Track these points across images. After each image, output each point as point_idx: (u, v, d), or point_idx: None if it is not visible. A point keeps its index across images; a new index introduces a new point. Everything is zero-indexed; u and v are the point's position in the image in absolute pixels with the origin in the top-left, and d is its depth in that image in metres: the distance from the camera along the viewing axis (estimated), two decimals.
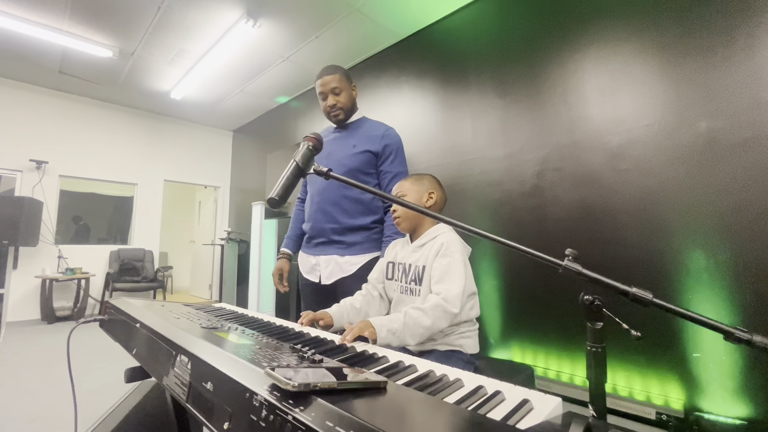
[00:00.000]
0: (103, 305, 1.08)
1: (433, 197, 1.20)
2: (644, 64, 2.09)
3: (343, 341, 0.78)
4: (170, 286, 6.76)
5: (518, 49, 2.65)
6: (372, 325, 0.88)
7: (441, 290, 1.00)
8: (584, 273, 0.54)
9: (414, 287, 1.14)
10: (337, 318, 1.13)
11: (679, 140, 1.95)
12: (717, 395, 1.81)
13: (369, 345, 0.82)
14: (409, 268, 1.17)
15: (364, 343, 0.83)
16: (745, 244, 1.75)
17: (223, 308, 1.23)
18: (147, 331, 0.80)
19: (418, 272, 1.14)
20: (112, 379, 2.47)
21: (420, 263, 1.14)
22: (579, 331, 2.17)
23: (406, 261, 1.19)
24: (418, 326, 0.95)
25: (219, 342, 0.69)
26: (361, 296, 1.26)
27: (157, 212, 5.58)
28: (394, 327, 0.92)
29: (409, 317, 0.95)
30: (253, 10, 3.11)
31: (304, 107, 4.71)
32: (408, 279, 1.16)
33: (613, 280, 0.52)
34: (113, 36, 3.52)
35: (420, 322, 0.95)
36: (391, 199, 0.75)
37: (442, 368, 0.63)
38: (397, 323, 0.93)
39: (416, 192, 1.20)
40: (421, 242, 1.17)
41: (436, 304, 0.98)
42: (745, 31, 1.79)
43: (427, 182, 1.22)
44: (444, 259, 1.06)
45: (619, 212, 2.11)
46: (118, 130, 5.29)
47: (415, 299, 1.12)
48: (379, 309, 1.26)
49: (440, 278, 1.03)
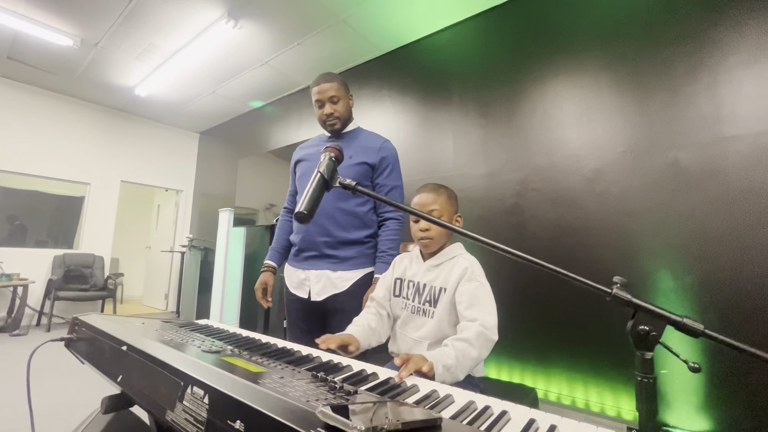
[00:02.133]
0: (72, 323, 0.95)
1: (459, 221, 1.15)
2: (619, 96, 2.23)
3: (400, 379, 0.69)
4: (120, 295, 6.25)
5: (501, 72, 2.74)
6: (427, 360, 0.79)
7: (477, 316, 0.95)
8: (635, 302, 0.54)
9: (427, 308, 1.08)
10: (363, 342, 1.04)
11: (650, 168, 2.08)
12: (683, 410, 1.91)
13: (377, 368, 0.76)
14: (423, 288, 1.11)
15: (372, 366, 0.77)
16: (707, 268, 1.88)
17: (209, 326, 1.13)
18: (139, 356, 0.71)
19: (433, 293, 1.08)
20: (73, 405, 2.21)
21: (437, 284, 1.08)
22: (579, 353, 2.17)
23: (420, 279, 1.13)
24: (467, 359, 0.88)
25: (232, 369, 0.62)
26: (372, 315, 1.17)
27: (111, 215, 5.18)
28: (448, 362, 0.83)
29: (458, 350, 0.87)
30: (236, 11, 3.01)
31: (280, 113, 4.60)
32: (421, 299, 1.10)
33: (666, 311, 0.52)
34: (76, 24, 3.27)
35: (468, 354, 0.88)
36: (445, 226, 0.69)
37: (481, 399, 0.60)
38: (450, 358, 0.85)
39: (448, 212, 1.13)
40: (437, 261, 1.12)
41: (479, 333, 0.91)
42: (707, 72, 1.96)
43: (455, 202, 1.17)
44: (470, 284, 1.02)
45: (595, 233, 2.21)
46: (72, 125, 4.88)
47: (427, 321, 1.08)
48: (386, 329, 1.18)
49: (470, 303, 0.99)
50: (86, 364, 0.95)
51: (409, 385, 0.67)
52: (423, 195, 1.14)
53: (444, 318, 1.05)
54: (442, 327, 1.05)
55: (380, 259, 1.41)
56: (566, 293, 2.23)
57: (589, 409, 2.12)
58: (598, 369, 2.13)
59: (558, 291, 2.26)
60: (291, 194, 1.62)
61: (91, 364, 0.88)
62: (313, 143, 1.57)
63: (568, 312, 2.21)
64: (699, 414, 1.86)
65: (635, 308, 0.54)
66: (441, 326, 1.05)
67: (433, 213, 1.10)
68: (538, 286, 2.34)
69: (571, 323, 2.20)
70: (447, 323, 1.05)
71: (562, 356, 2.24)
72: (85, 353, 0.93)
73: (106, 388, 0.82)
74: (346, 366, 0.76)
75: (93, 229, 5.03)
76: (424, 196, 1.14)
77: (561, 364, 2.24)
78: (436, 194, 1.13)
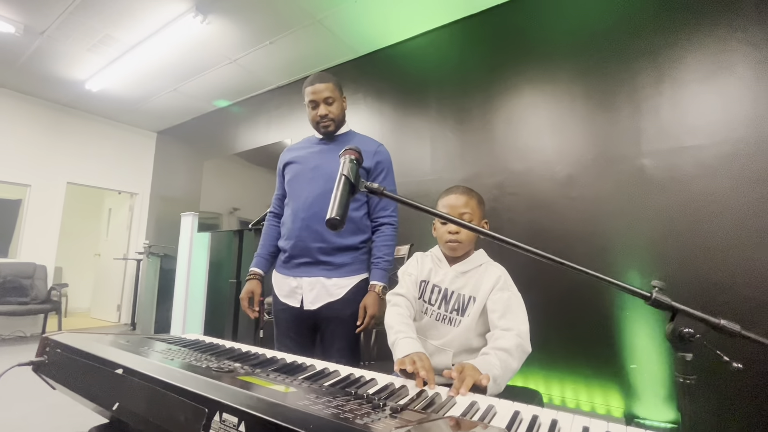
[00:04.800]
0: (41, 343, 0.85)
1: (486, 226, 1.08)
2: (589, 105, 2.35)
3: (456, 393, 0.66)
4: (64, 308, 5.71)
5: (477, 79, 2.81)
6: (480, 371, 0.75)
7: (511, 326, 0.93)
8: (674, 306, 0.55)
9: (454, 317, 1.05)
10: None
11: (619, 174, 2.21)
12: (651, 402, 2.03)
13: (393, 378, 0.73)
14: (451, 296, 1.07)
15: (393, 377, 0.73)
16: (672, 268, 2.01)
17: (200, 341, 1.04)
18: (143, 380, 0.63)
19: (462, 302, 1.05)
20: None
21: (466, 292, 1.05)
22: (582, 354, 2.20)
23: (448, 286, 1.08)
24: (509, 370, 0.84)
25: (259, 390, 0.57)
26: (407, 319, 1.04)
27: (55, 220, 4.73)
28: (496, 373, 0.79)
29: (502, 361, 0.84)
30: (204, 5, 2.86)
31: (247, 114, 4.43)
32: (449, 307, 1.06)
33: (705, 314, 0.54)
34: (20, 9, 2.96)
35: (509, 366, 0.85)
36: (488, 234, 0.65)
37: (525, 408, 0.59)
38: (496, 368, 0.80)
39: (478, 217, 1.09)
40: (466, 268, 1.08)
41: (518, 344, 0.89)
42: (669, 85, 2.12)
43: (484, 207, 1.12)
44: (503, 293, 1.00)
45: (569, 235, 2.31)
46: (10, 121, 4.41)
47: (452, 329, 1.04)
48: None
49: (503, 313, 0.96)
50: (61, 389, 0.84)
51: (444, 397, 0.65)
52: (454, 197, 1.08)
53: (471, 327, 1.03)
54: (469, 336, 1.03)
55: (376, 265, 1.37)
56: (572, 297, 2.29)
57: (580, 408, 2.18)
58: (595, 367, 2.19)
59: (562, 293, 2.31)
60: (278, 197, 1.55)
61: (72, 391, 0.78)
62: (302, 145, 1.51)
63: (569, 312, 2.28)
64: (665, 405, 1.98)
65: (674, 311, 0.55)
66: (467, 335, 1.03)
67: (464, 216, 1.05)
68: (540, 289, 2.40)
69: (570, 323, 2.27)
70: (474, 332, 1.03)
71: (565, 358, 2.27)
72: (62, 378, 0.82)
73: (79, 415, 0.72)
74: (371, 380, 0.72)
75: (34, 236, 4.55)
76: (454, 198, 1.08)
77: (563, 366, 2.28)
78: (468, 197, 1.08)
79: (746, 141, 1.90)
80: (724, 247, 1.89)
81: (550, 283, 2.27)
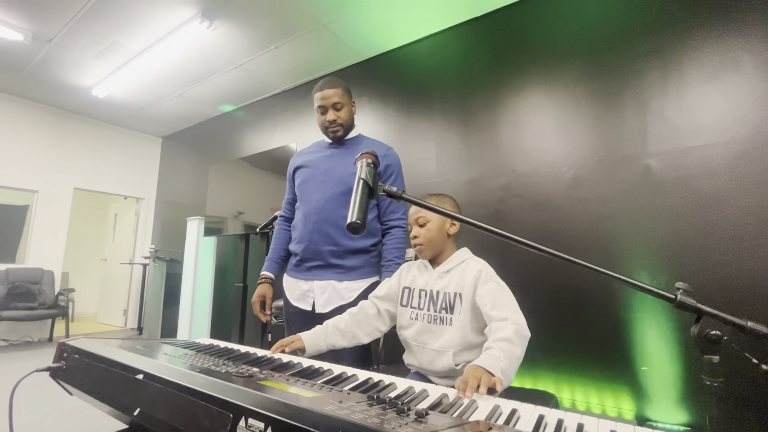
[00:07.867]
0: (59, 349, 0.85)
1: (456, 224, 1.14)
2: (594, 106, 2.34)
3: (464, 395, 0.66)
4: (71, 313, 5.74)
5: (481, 81, 2.81)
6: (490, 373, 0.75)
7: (506, 315, 0.93)
8: (700, 308, 0.55)
9: (444, 315, 1.07)
10: (312, 342, 1.09)
11: (625, 175, 2.20)
12: (663, 405, 2.01)
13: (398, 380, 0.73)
14: (437, 296, 1.09)
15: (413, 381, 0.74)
16: (681, 268, 2.00)
17: (215, 345, 1.05)
18: (165, 385, 0.63)
19: (448, 300, 1.07)
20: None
21: (450, 290, 1.08)
22: (592, 356, 2.18)
23: (432, 288, 1.11)
24: (514, 358, 0.84)
25: (282, 395, 0.57)
26: (349, 315, 1.16)
27: (63, 226, 4.76)
28: (503, 366, 0.79)
29: (505, 351, 0.84)
30: (210, 11, 2.89)
31: (252, 118, 4.45)
32: (437, 307, 1.08)
33: (731, 316, 0.53)
34: (28, 17, 3.00)
35: (513, 354, 0.84)
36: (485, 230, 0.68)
37: (550, 412, 0.58)
38: (502, 361, 0.81)
39: (439, 218, 1.12)
40: (447, 267, 1.12)
41: (516, 330, 0.89)
42: (675, 86, 2.11)
43: (449, 206, 1.16)
44: (488, 285, 1.02)
45: (576, 236, 2.30)
46: (17, 127, 4.45)
47: (446, 329, 1.05)
48: (370, 329, 1.16)
49: (494, 304, 0.98)
50: (79, 395, 0.84)
51: (465, 400, 0.65)
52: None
53: (466, 325, 1.04)
54: (466, 334, 1.03)
55: (386, 268, 1.37)
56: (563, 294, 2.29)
57: (590, 410, 2.17)
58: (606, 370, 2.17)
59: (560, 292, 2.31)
60: (288, 202, 1.56)
61: (91, 396, 0.78)
62: (312, 149, 1.52)
63: (579, 314, 2.26)
64: (677, 408, 1.96)
65: (700, 313, 0.55)
66: (464, 333, 1.03)
67: (418, 220, 1.14)
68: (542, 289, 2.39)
69: (580, 325, 2.26)
70: (470, 330, 1.04)
71: (574, 360, 2.25)
72: (80, 383, 0.82)
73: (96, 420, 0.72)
74: (390, 384, 0.72)
75: (41, 241, 4.59)
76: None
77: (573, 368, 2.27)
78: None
79: (753, 140, 1.89)
80: (734, 248, 1.88)
81: (557, 284, 2.27)
